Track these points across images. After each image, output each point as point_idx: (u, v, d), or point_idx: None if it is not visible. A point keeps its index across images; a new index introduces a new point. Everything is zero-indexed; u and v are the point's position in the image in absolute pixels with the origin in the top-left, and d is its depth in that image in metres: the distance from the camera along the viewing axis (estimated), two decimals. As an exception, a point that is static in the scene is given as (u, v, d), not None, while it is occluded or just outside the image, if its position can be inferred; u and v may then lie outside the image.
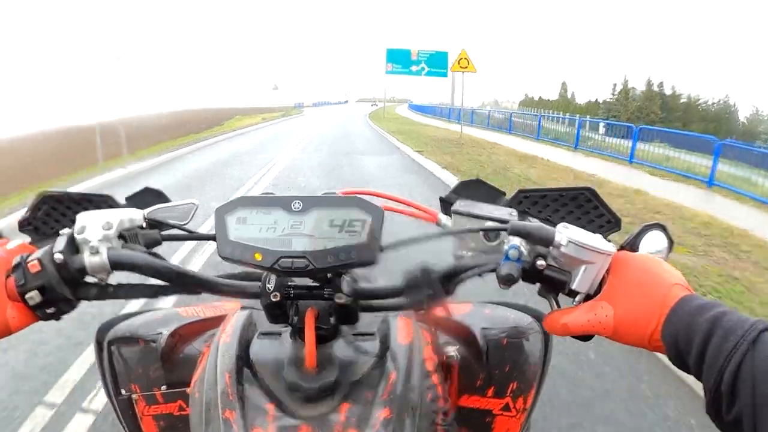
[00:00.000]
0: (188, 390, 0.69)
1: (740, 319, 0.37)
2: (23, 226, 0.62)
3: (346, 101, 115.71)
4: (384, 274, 0.63)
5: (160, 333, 0.70)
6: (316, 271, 0.47)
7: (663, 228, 0.54)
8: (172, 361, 0.69)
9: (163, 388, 0.69)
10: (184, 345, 0.71)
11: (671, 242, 0.54)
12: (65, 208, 0.61)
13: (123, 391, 0.71)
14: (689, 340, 0.38)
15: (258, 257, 0.46)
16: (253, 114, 29.85)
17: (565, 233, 0.46)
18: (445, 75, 17.36)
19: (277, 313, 0.53)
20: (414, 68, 18.05)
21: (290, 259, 0.46)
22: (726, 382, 0.35)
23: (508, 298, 0.72)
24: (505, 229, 0.49)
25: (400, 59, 18.26)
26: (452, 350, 0.65)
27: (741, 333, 0.36)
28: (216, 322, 0.74)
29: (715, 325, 0.37)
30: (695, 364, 0.38)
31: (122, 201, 0.62)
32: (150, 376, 0.70)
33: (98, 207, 0.61)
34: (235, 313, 0.64)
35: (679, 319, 0.39)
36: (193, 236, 0.59)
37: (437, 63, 17.61)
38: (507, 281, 0.46)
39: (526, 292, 0.62)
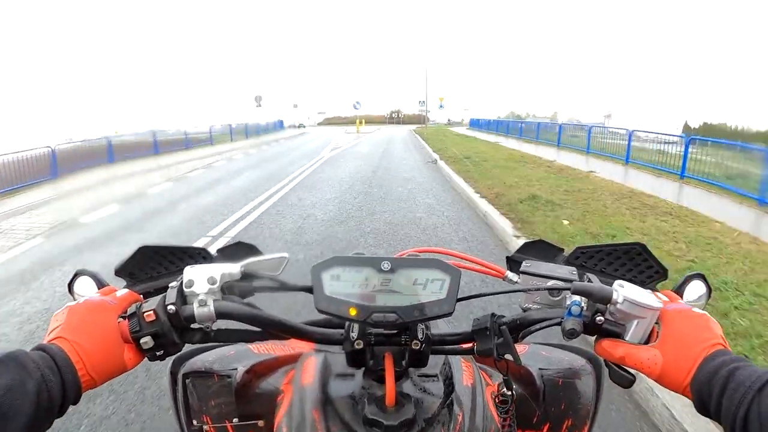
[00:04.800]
0: (260, 423, 0.74)
1: (752, 372, 0.43)
2: (120, 272, 0.67)
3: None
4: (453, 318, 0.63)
5: (235, 369, 0.76)
6: (404, 324, 0.53)
7: (703, 277, 0.61)
8: (247, 395, 0.75)
9: (235, 420, 0.75)
10: (259, 381, 0.76)
11: (710, 290, 0.61)
12: (161, 258, 0.68)
13: (195, 422, 0.76)
14: (710, 392, 0.45)
15: (352, 312, 0.52)
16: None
17: (621, 292, 0.51)
18: None
19: (356, 357, 0.59)
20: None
21: (382, 314, 0.52)
22: (738, 426, 0.41)
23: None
24: (568, 289, 0.55)
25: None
26: (509, 389, 0.70)
27: (749, 384, 0.42)
28: (288, 360, 0.79)
29: (729, 379, 0.44)
30: (715, 412, 0.44)
31: (214, 253, 0.69)
32: (222, 408, 0.75)
33: (193, 258, 0.68)
34: (310, 354, 0.70)
35: (704, 374, 0.46)
36: (285, 288, 0.64)
37: None
38: (571, 335, 0.52)
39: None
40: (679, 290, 0.60)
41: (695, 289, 0.60)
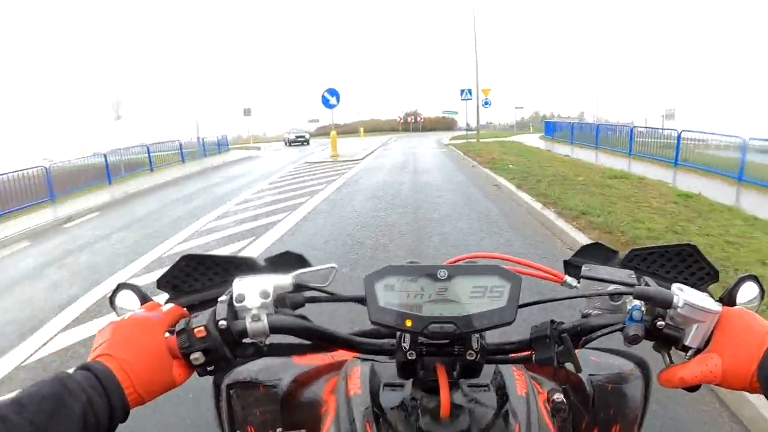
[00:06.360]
0: None
1: None
2: (162, 283, 0.66)
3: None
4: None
5: (280, 378, 0.76)
6: (463, 335, 0.51)
7: (755, 279, 0.59)
8: (292, 405, 0.74)
9: (279, 430, 0.74)
10: (303, 390, 0.76)
11: (763, 291, 0.59)
12: (205, 269, 0.66)
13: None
14: None
15: (408, 323, 0.51)
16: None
17: (681, 296, 0.51)
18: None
19: (407, 368, 0.58)
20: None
21: (439, 325, 0.50)
22: None
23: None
24: (630, 293, 0.54)
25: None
26: (560, 396, 0.70)
27: None
28: (328, 368, 0.79)
29: None
30: None
31: (262, 263, 0.67)
32: (267, 418, 0.74)
33: (239, 268, 0.66)
34: (354, 363, 0.69)
35: None
36: (336, 298, 0.63)
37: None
38: (633, 341, 0.52)
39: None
40: (732, 292, 0.58)
41: (748, 291, 0.58)
